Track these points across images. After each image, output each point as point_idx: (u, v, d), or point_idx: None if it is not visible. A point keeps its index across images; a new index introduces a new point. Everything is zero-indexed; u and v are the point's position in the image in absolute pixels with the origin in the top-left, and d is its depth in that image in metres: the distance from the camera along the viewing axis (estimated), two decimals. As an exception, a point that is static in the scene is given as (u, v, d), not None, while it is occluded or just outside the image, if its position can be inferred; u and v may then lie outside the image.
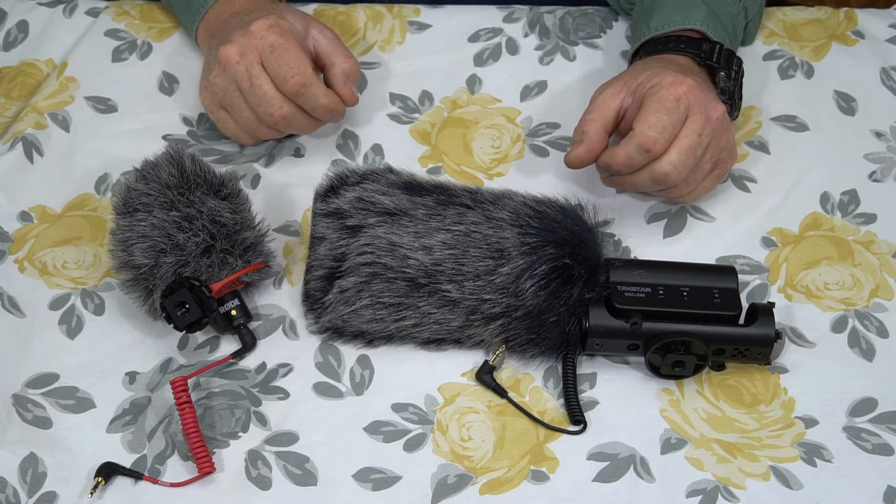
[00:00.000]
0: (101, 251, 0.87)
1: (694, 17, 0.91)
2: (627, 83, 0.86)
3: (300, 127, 0.90)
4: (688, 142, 0.81)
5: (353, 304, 0.79)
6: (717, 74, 0.88)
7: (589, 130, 0.84)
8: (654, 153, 0.81)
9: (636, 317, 0.77)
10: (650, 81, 0.84)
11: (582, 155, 0.84)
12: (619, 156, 0.82)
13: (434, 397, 0.79)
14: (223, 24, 0.92)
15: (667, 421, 0.78)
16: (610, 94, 0.86)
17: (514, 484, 0.75)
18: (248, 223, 0.82)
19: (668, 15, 0.92)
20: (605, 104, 0.85)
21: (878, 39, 1.03)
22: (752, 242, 0.88)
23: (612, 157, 0.83)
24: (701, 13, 0.91)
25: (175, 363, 0.81)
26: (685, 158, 0.81)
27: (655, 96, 0.82)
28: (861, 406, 0.79)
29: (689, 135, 0.81)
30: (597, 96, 0.86)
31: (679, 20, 0.91)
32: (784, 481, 0.75)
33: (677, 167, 0.81)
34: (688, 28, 0.91)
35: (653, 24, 0.92)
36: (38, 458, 0.76)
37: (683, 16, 0.91)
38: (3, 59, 1.02)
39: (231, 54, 0.86)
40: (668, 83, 0.82)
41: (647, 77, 0.84)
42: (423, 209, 0.82)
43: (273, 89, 0.86)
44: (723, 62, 0.89)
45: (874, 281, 0.86)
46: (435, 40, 1.03)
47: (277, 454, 0.76)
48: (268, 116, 0.87)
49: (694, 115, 0.82)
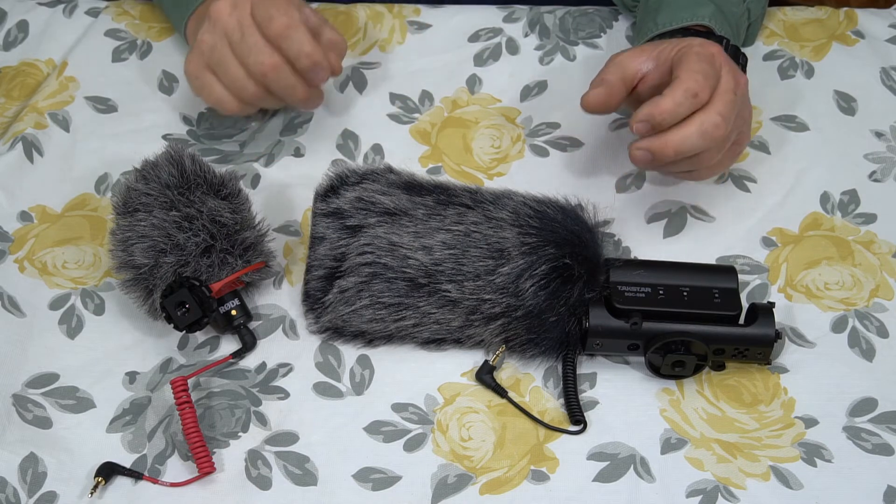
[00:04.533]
0: (101, 251, 0.87)
1: (701, 14, 0.91)
2: (646, 50, 0.85)
3: (287, 83, 0.86)
4: (728, 96, 0.80)
5: (353, 304, 0.79)
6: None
7: (609, 78, 0.83)
8: (701, 100, 0.78)
9: (636, 317, 0.77)
10: (678, 45, 0.83)
11: (601, 95, 0.82)
12: (666, 103, 0.78)
13: (434, 397, 0.79)
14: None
15: (667, 421, 0.78)
16: (628, 55, 0.85)
17: (514, 484, 0.75)
18: (248, 223, 0.82)
19: (675, 12, 0.91)
20: (625, 62, 0.84)
21: (878, 39, 1.03)
22: (752, 242, 0.88)
23: (657, 105, 0.78)
24: (708, 10, 0.91)
25: (175, 363, 0.81)
26: (729, 111, 0.79)
27: (691, 52, 0.81)
28: (861, 406, 0.79)
29: (728, 90, 0.80)
30: (614, 58, 0.85)
31: (686, 16, 0.91)
32: (784, 481, 0.75)
33: (726, 118, 0.79)
34: (694, 24, 0.91)
35: (660, 21, 0.92)
36: (38, 458, 0.76)
37: (691, 12, 0.91)
38: (3, 59, 1.02)
39: (223, 7, 0.85)
40: (698, 43, 0.82)
41: (670, 44, 0.84)
42: (423, 209, 0.82)
43: (263, 39, 0.84)
44: (731, 56, 0.89)
45: (874, 281, 0.86)
46: (435, 40, 1.03)
47: (277, 454, 0.76)
48: (258, 66, 0.84)
49: (726, 75, 0.81)
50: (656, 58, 0.84)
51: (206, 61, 0.87)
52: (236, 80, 0.86)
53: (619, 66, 0.84)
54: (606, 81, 0.83)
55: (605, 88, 0.82)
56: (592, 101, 0.82)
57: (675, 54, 0.83)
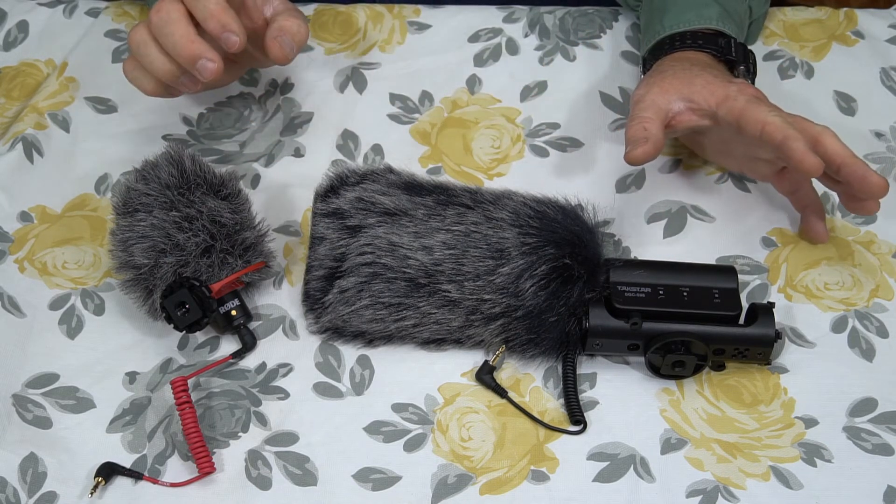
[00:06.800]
0: (101, 251, 0.87)
1: (707, 15, 0.91)
2: (674, 87, 0.84)
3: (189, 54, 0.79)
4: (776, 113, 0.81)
5: (353, 304, 0.79)
6: (736, 68, 0.89)
7: (651, 128, 0.82)
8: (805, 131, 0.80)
9: (636, 317, 0.77)
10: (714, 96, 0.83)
11: (649, 151, 0.81)
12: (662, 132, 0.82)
13: (434, 397, 0.79)
14: None
15: (667, 421, 0.78)
16: (658, 93, 0.84)
17: (514, 484, 0.75)
18: (248, 223, 0.82)
19: (681, 13, 0.91)
20: (658, 104, 0.84)
21: (878, 39, 1.03)
22: (752, 242, 0.88)
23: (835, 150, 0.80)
24: (714, 11, 0.91)
25: (175, 363, 0.81)
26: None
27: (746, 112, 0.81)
28: (861, 406, 0.79)
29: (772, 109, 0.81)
30: (644, 96, 0.84)
31: (693, 18, 0.91)
32: (784, 481, 0.75)
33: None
34: (702, 27, 0.91)
35: (666, 23, 0.92)
36: (38, 458, 0.76)
37: (697, 14, 0.91)
38: (3, 59, 1.02)
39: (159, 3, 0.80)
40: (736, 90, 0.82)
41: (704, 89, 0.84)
42: (423, 209, 0.82)
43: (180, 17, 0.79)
44: (740, 56, 0.89)
45: (874, 281, 0.86)
46: (435, 40, 1.03)
47: (277, 454, 0.76)
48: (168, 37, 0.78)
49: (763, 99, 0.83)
50: (688, 99, 0.84)
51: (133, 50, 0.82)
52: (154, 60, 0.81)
53: (655, 111, 0.83)
54: (651, 135, 0.81)
55: (652, 143, 0.81)
56: (641, 158, 0.81)
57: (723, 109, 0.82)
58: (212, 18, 0.79)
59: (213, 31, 0.80)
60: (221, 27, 0.79)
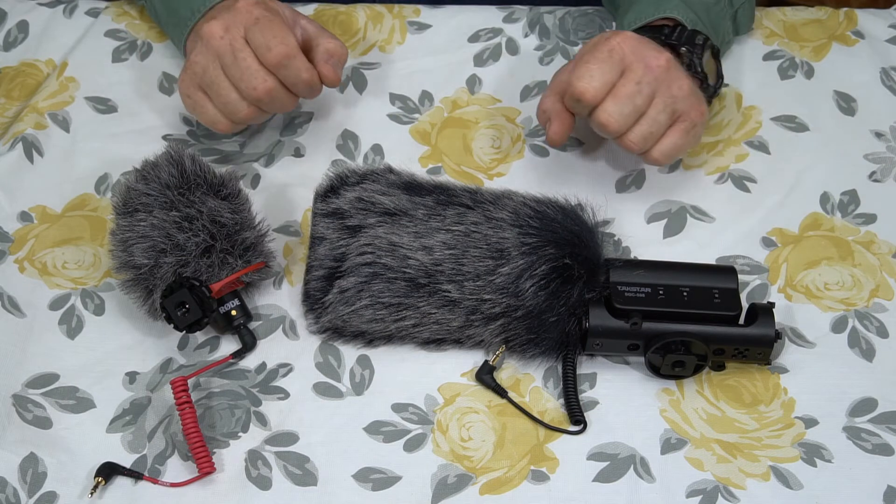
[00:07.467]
0: (101, 251, 0.87)
1: (665, 7, 0.92)
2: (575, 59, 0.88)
3: (281, 104, 0.87)
4: (624, 90, 0.82)
5: (353, 304, 0.79)
6: (678, 50, 0.89)
7: (546, 104, 0.87)
8: (586, 101, 0.82)
9: (636, 317, 0.77)
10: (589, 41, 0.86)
11: (557, 129, 0.86)
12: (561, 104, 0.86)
13: (434, 397, 0.79)
14: None
15: (667, 421, 0.78)
16: (560, 70, 0.89)
17: (514, 484, 0.75)
18: (248, 223, 0.82)
19: (643, 9, 0.93)
20: (555, 79, 0.88)
21: (878, 39, 1.03)
22: (752, 242, 0.88)
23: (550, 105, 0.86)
24: (672, 3, 0.92)
25: (175, 363, 0.81)
26: (622, 107, 0.82)
27: (587, 48, 0.84)
28: (861, 406, 0.79)
29: (626, 83, 0.82)
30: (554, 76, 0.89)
31: (651, 12, 0.92)
32: (784, 481, 0.75)
33: (613, 115, 0.82)
34: (660, 18, 0.91)
35: (627, 21, 0.93)
36: (38, 458, 0.76)
37: (655, 7, 0.92)
38: (3, 59, 1.02)
39: (215, 30, 0.85)
40: (602, 37, 0.84)
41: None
42: (423, 209, 0.82)
43: (257, 62, 0.84)
44: (684, 39, 0.89)
45: (874, 281, 0.86)
46: (435, 40, 1.03)
47: (277, 454, 0.76)
48: (251, 91, 0.84)
49: (632, 65, 0.83)
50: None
51: (199, 82, 0.86)
52: (228, 102, 0.86)
53: (551, 87, 0.88)
54: (551, 111, 0.87)
55: (555, 120, 0.86)
56: (556, 138, 0.87)
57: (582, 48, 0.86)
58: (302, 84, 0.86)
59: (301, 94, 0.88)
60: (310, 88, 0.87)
